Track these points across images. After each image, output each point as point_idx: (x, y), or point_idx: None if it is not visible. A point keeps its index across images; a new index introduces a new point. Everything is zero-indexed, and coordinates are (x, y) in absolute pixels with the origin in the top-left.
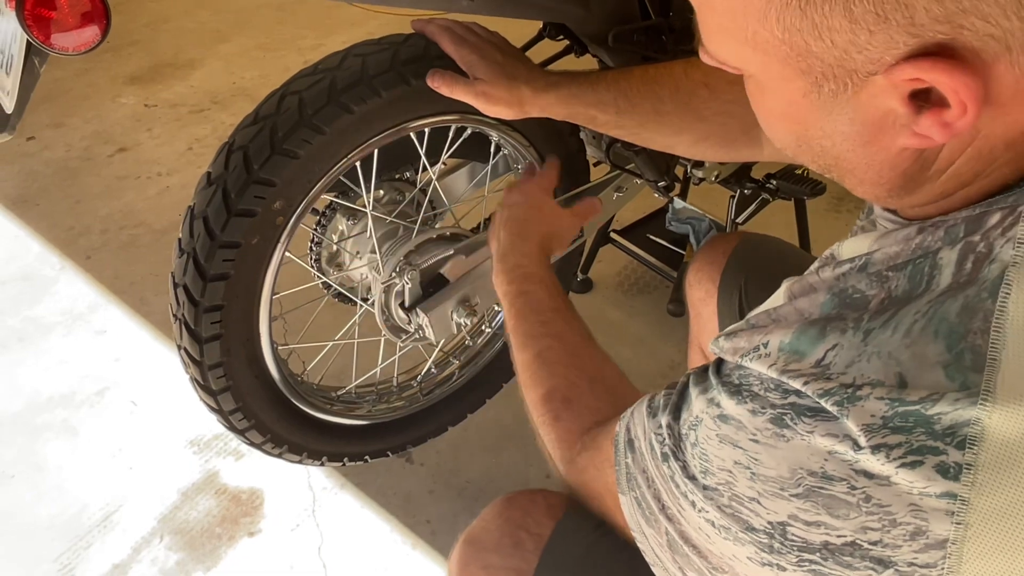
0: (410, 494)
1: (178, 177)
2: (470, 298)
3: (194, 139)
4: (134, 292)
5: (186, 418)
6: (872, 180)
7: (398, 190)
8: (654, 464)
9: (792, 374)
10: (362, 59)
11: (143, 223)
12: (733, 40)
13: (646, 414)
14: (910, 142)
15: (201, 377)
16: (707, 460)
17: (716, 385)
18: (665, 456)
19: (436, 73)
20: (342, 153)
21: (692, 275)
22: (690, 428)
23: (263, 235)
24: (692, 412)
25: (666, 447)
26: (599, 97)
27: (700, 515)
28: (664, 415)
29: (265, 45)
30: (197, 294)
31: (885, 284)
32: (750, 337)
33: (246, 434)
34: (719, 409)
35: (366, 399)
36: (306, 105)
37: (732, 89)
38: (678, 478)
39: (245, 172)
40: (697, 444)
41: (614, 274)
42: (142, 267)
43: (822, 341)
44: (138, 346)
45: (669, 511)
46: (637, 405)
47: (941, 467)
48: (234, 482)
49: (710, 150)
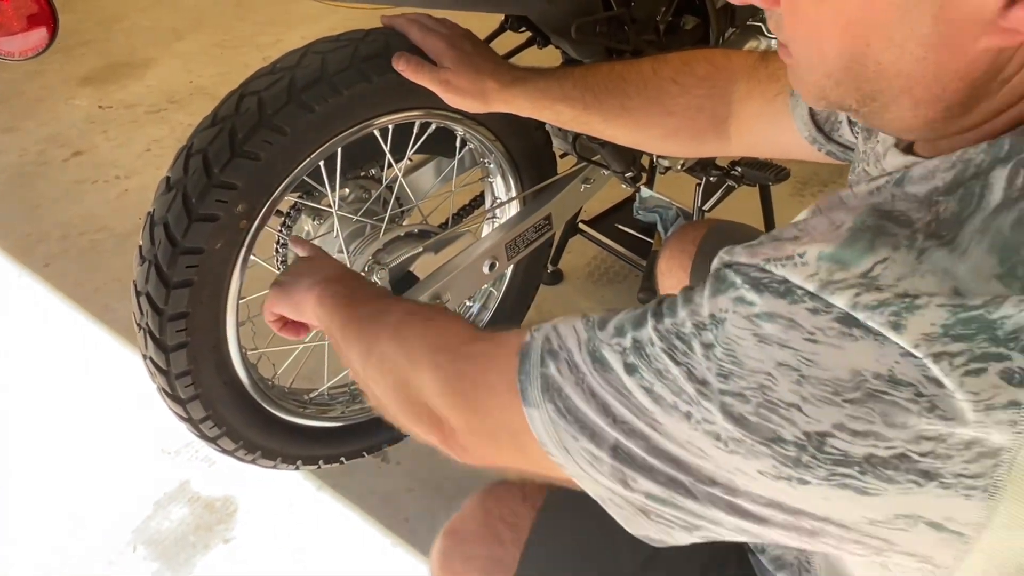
0: (388, 493)
1: (137, 179)
2: (441, 295)
3: (152, 140)
4: (97, 299)
5: (156, 427)
6: (934, 97)
7: (364, 188)
8: (599, 376)
9: (837, 286)
10: (321, 56)
11: (104, 228)
12: None
13: (582, 326)
14: (992, 41)
15: (168, 386)
16: (734, 362)
17: (742, 284)
18: (632, 368)
19: (402, 57)
20: (305, 153)
21: (664, 263)
22: (699, 329)
23: (226, 239)
24: (699, 313)
25: (630, 357)
26: (565, 93)
27: (697, 427)
28: (625, 326)
29: (223, 42)
30: (160, 302)
31: (933, 208)
32: (777, 247)
33: (217, 442)
34: (752, 308)
35: (339, 400)
36: (266, 105)
37: (702, 85)
38: (662, 388)
39: (205, 176)
40: (716, 345)
41: (584, 265)
42: (104, 273)
43: (871, 253)
44: (104, 354)
45: (627, 425)
46: (559, 321)
47: (1006, 373)
48: (207, 490)
49: (678, 145)
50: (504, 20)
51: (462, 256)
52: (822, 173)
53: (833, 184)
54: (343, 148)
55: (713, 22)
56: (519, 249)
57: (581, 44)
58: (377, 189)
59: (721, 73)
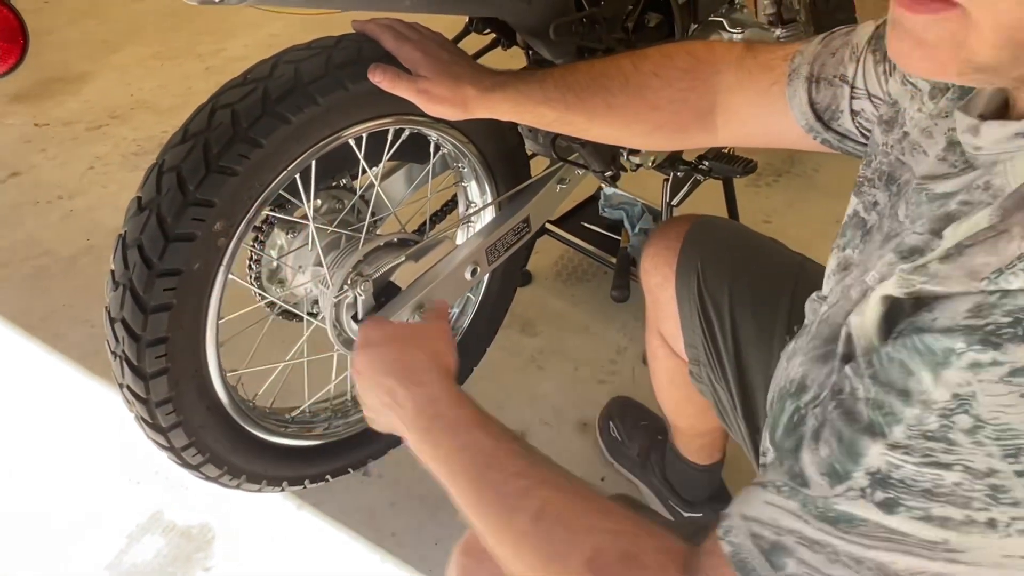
0: (371, 509)
1: (82, 199)
2: (424, 303)
3: (94, 157)
4: (46, 328)
5: (120, 456)
6: None
7: (336, 198)
8: (854, 536)
9: None
10: (295, 66)
11: (48, 252)
12: None
13: (780, 497)
14: None
15: (148, 415)
16: (1016, 435)
17: (967, 343)
18: (890, 505)
19: (378, 68)
20: (282, 165)
21: (648, 261)
22: (947, 417)
23: (205, 259)
24: (934, 401)
25: (886, 491)
26: (547, 94)
27: (1008, 530)
28: (835, 467)
29: (161, 53)
30: (138, 328)
31: None
32: (992, 249)
33: (200, 469)
34: (1002, 367)
35: (322, 417)
36: (240, 118)
37: (685, 77)
38: (942, 508)
39: (180, 194)
40: (983, 426)
41: (551, 264)
42: (52, 300)
43: None
44: (59, 384)
45: (922, 575)
46: (739, 511)
47: None
48: (181, 518)
49: (665, 138)
50: (469, 22)
51: (443, 263)
52: (775, 163)
53: (787, 174)
54: (317, 158)
55: (677, 18)
56: (499, 253)
57: (557, 45)
58: (351, 199)
59: (704, 65)
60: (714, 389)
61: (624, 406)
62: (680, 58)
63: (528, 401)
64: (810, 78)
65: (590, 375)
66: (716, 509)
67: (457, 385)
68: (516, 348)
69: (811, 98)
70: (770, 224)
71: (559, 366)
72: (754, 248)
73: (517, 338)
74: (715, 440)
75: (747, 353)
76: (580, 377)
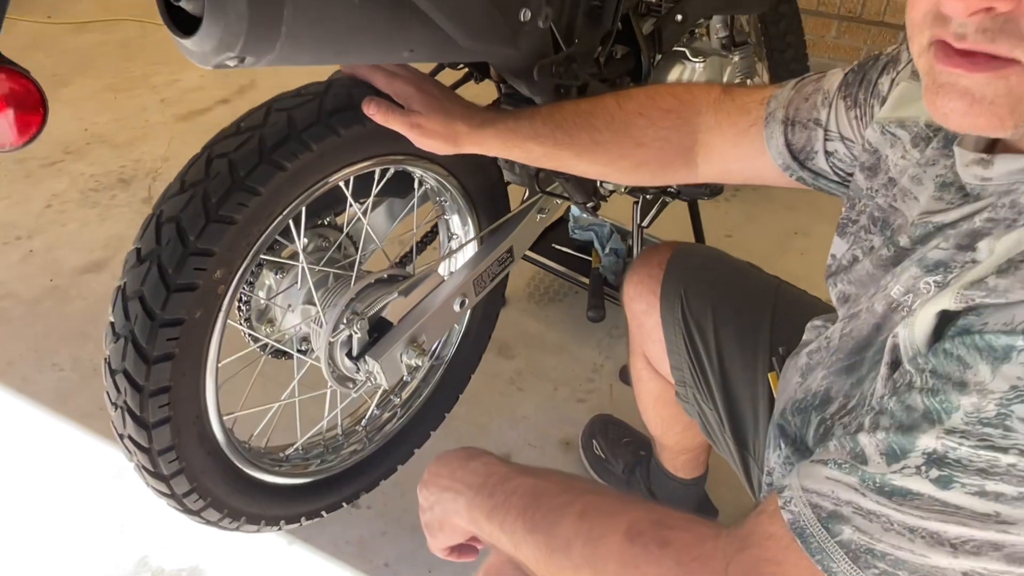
0: (363, 540)
1: (41, 239)
2: (417, 337)
3: (51, 195)
4: (13, 373)
5: (99, 503)
6: None
7: (323, 236)
8: (911, 509)
9: None
10: (287, 113)
11: (10, 294)
12: None
13: (839, 472)
14: None
15: (151, 464)
16: None
17: (1021, 344)
18: (945, 481)
19: (372, 102)
20: (278, 211)
21: (631, 288)
22: (1005, 407)
23: (206, 307)
24: (990, 393)
25: (941, 469)
26: (535, 131)
27: None
28: (894, 447)
29: (114, 85)
30: (141, 379)
31: None
32: None
33: (202, 514)
34: None
35: (314, 454)
36: (237, 167)
37: (668, 117)
38: (996, 484)
39: (181, 245)
40: None
41: (524, 286)
42: (17, 344)
43: None
44: (32, 432)
45: (972, 543)
46: (800, 475)
47: None
48: (169, 563)
49: (648, 174)
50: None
51: (432, 297)
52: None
53: (745, 188)
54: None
55: (643, 49)
56: (486, 284)
57: (539, 84)
58: (337, 236)
59: (686, 106)
60: (700, 409)
61: (606, 424)
62: (663, 99)
63: (511, 423)
64: (786, 121)
65: (569, 394)
66: None
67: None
68: (495, 371)
69: (787, 139)
70: (732, 238)
71: (538, 387)
72: (733, 273)
73: (495, 361)
74: (699, 455)
75: (732, 373)
76: (560, 397)
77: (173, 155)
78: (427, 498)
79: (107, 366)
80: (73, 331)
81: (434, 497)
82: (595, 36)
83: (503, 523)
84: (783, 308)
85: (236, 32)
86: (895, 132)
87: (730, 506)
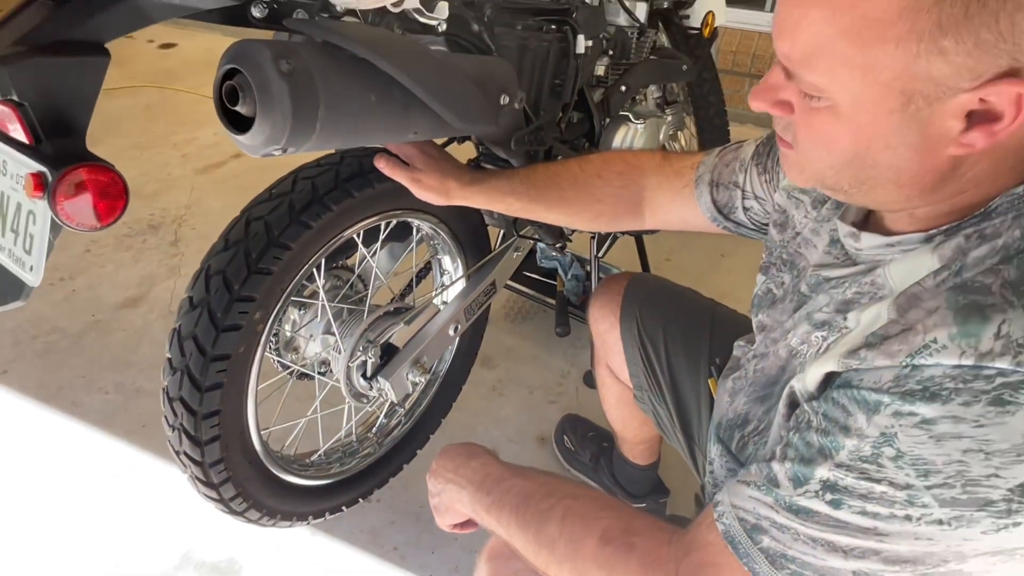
0: (374, 529)
1: (82, 279)
2: (420, 358)
3: (90, 241)
4: (63, 397)
5: (145, 505)
6: (910, 183)
7: (337, 276)
8: (811, 523)
9: (990, 356)
10: (311, 181)
11: (56, 329)
12: (846, 68)
13: (758, 492)
14: (957, 151)
15: (203, 475)
16: (926, 463)
17: (891, 400)
18: (836, 503)
19: (383, 158)
20: (306, 261)
21: (596, 311)
22: (877, 448)
23: (248, 343)
24: (868, 435)
25: (833, 494)
26: (514, 188)
27: (919, 524)
28: (798, 475)
29: (139, 144)
30: (195, 404)
31: (999, 275)
32: (904, 340)
33: (245, 514)
34: (916, 417)
35: (335, 458)
36: (272, 227)
37: (620, 178)
38: (875, 506)
39: (227, 293)
40: (902, 455)
41: (499, 307)
42: (66, 372)
43: (989, 321)
44: (82, 449)
45: (858, 549)
46: (730, 493)
47: None
48: (210, 555)
49: (605, 223)
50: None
51: (431, 324)
52: None
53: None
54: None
55: (595, 114)
56: (474, 312)
57: (514, 150)
58: (349, 276)
59: (634, 169)
60: (655, 408)
61: (574, 421)
62: (615, 163)
63: (494, 423)
64: (711, 183)
65: (542, 397)
66: (656, 499)
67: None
68: (479, 380)
69: (713, 198)
70: (670, 261)
71: (516, 392)
72: (678, 297)
73: (479, 371)
74: (652, 445)
75: (680, 380)
76: (534, 400)
77: (195, 203)
78: (435, 485)
79: (165, 395)
80: (116, 359)
81: (440, 486)
82: (556, 107)
83: (499, 518)
84: (718, 326)
85: (282, 130)
86: (798, 196)
87: (680, 484)
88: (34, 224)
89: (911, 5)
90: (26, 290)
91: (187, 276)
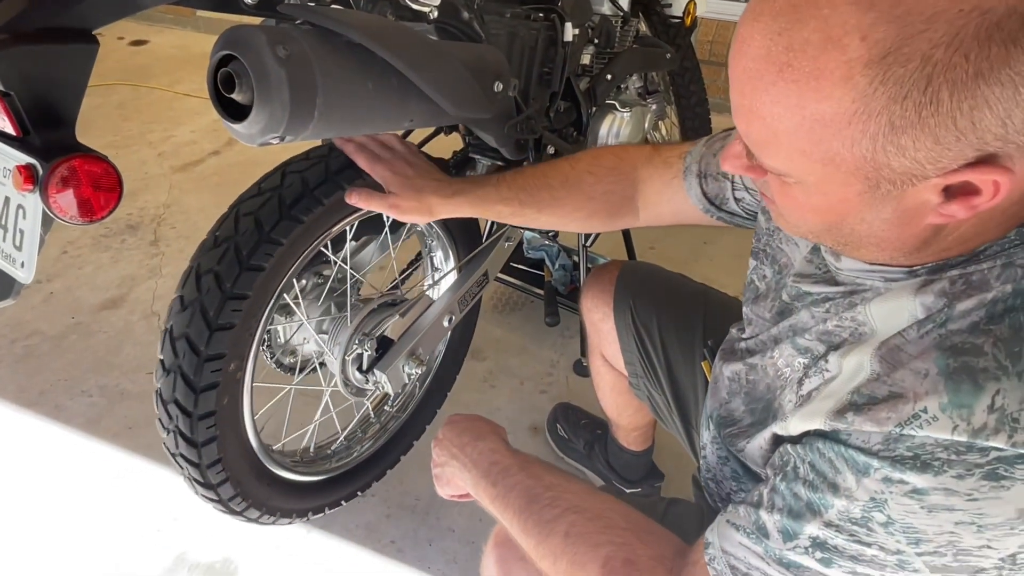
0: (370, 523)
1: (60, 281)
2: (415, 350)
3: (67, 242)
4: (45, 401)
5: (136, 509)
6: (892, 247)
7: (318, 273)
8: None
9: (984, 433)
10: (300, 175)
11: (36, 332)
12: (805, 159)
13: (749, 541)
14: (936, 220)
15: (201, 476)
16: (917, 532)
17: (880, 464)
18: (827, 561)
19: (354, 192)
20: (297, 257)
21: (589, 301)
22: (867, 512)
23: (241, 341)
24: (858, 498)
25: (824, 552)
26: (502, 195)
27: None
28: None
29: (115, 143)
30: (190, 406)
31: (988, 335)
32: (892, 408)
33: (244, 513)
34: (907, 485)
35: (330, 453)
36: (263, 223)
37: (611, 174)
38: (865, 568)
39: (219, 291)
40: (893, 522)
41: (488, 299)
42: (47, 375)
43: (983, 391)
44: (68, 453)
45: None
46: (719, 536)
47: None
48: (205, 556)
49: (599, 222)
50: None
51: (425, 316)
52: None
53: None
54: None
55: (582, 103)
56: (468, 302)
57: (504, 138)
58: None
59: (624, 163)
60: (651, 395)
61: (566, 410)
62: (606, 159)
63: (486, 415)
64: (699, 175)
65: (533, 387)
66: (651, 484)
67: (509, 445)
68: (470, 372)
69: (703, 190)
70: (654, 249)
71: (507, 383)
72: (669, 283)
73: (469, 363)
74: (647, 432)
75: (676, 364)
76: (525, 390)
77: (174, 202)
78: (440, 455)
79: (158, 397)
80: (98, 361)
81: (445, 458)
82: (545, 95)
83: (503, 514)
84: (712, 310)
85: (280, 118)
86: None
87: (672, 469)
88: (24, 219)
89: (861, 109)
90: (16, 287)
91: (168, 276)
